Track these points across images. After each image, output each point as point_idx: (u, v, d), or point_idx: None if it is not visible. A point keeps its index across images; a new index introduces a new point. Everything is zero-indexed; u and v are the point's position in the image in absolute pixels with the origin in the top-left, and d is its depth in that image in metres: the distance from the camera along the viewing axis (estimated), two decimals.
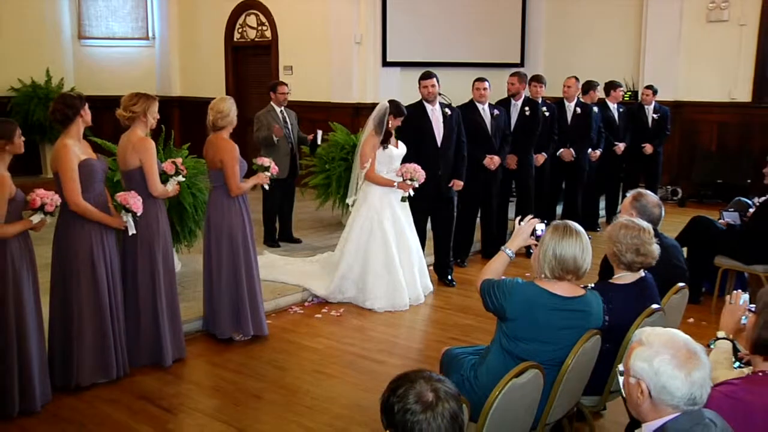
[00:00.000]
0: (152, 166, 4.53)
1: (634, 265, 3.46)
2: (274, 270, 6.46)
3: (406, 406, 1.91)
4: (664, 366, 2.02)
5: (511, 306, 3.11)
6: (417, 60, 10.55)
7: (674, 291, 3.72)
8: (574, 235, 3.12)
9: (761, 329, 2.39)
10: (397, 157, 6.03)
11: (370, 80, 10.34)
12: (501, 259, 3.42)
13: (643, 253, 3.43)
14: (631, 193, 4.15)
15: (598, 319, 3.24)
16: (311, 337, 5.39)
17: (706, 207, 9.60)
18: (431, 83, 6.44)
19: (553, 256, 3.11)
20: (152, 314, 4.68)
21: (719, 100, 10.50)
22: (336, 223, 8.53)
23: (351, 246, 6.02)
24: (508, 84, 7.59)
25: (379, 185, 5.97)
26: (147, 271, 4.64)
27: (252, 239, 5.19)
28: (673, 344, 2.07)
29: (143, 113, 4.53)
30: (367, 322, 5.69)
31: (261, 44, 11.53)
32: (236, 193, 5.01)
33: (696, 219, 6.19)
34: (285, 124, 7.48)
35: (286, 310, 5.93)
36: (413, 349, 5.22)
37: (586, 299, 3.19)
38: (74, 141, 4.26)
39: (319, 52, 10.69)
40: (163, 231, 4.70)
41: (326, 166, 8.11)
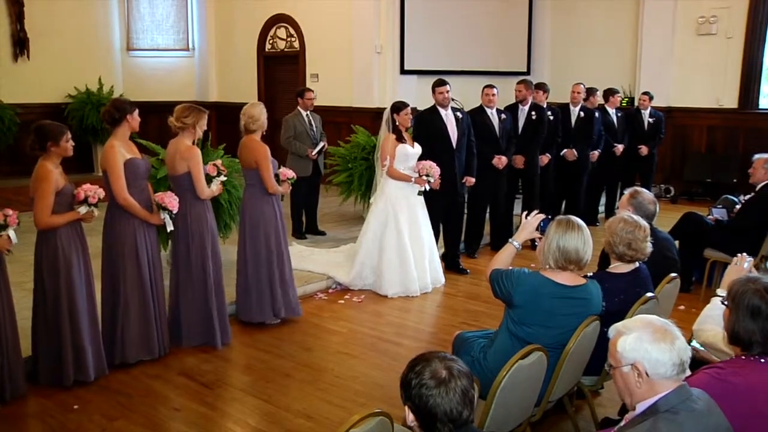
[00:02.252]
0: (199, 172, 4.57)
1: (624, 257, 3.43)
2: (301, 260, 6.47)
3: (422, 382, 1.94)
4: (651, 343, 2.03)
5: (519, 294, 3.09)
6: (432, 68, 10.50)
7: (667, 281, 3.69)
8: (576, 229, 3.11)
9: (735, 324, 2.33)
10: (412, 156, 5.98)
11: (389, 87, 10.30)
12: (508, 251, 3.41)
13: (634, 248, 3.40)
14: (628, 191, 4.11)
15: (598, 306, 3.24)
16: (335, 321, 5.40)
17: (696, 204, 9.51)
18: (446, 90, 6.40)
19: (557, 248, 3.09)
20: (204, 300, 4.73)
21: (708, 106, 10.37)
22: (358, 217, 8.52)
23: (369, 236, 6.01)
24: (516, 91, 7.55)
25: (398, 180, 5.94)
26: (199, 262, 4.68)
27: (284, 232, 5.20)
28: (649, 324, 2.08)
29: (193, 125, 4.56)
30: (385, 308, 5.68)
31: (290, 54, 11.53)
32: (273, 190, 5.02)
33: (687, 215, 6.14)
34: (311, 126, 7.48)
35: (312, 297, 5.93)
36: (427, 333, 5.21)
37: (587, 288, 3.18)
38: (120, 142, 4.29)
39: (342, 61, 10.68)
40: (211, 227, 4.74)
41: (349, 165, 8.10)
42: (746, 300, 2.31)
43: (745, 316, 2.29)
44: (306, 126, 7.45)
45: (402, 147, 5.90)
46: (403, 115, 5.94)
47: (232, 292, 5.26)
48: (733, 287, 2.39)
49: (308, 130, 7.44)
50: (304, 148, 7.36)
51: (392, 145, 5.88)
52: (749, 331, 2.27)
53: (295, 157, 7.29)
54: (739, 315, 2.32)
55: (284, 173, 5.19)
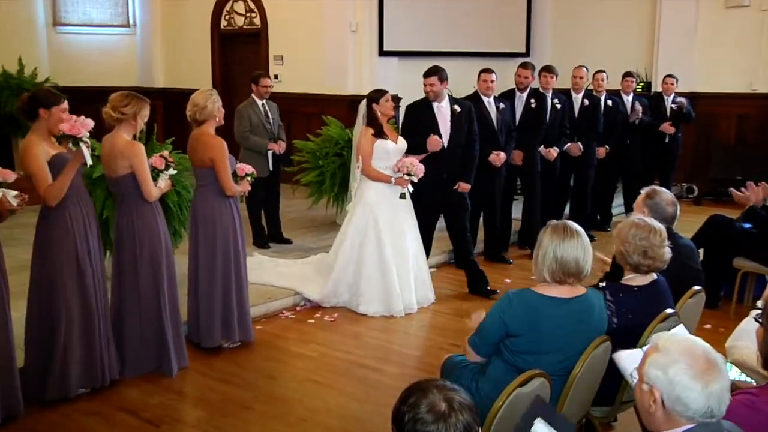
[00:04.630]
0: (145, 171, 4.54)
1: (640, 268, 3.47)
2: (263, 272, 6.46)
3: (417, 416, 1.90)
4: (680, 376, 2.02)
5: (514, 319, 3.10)
6: (416, 49, 10.56)
7: (689, 295, 3.73)
8: (574, 236, 3.13)
9: None
10: (394, 153, 5.96)
11: (366, 71, 10.33)
12: None
13: (650, 256, 3.43)
14: (644, 190, 4.15)
15: (602, 319, 3.26)
16: (303, 343, 5.40)
17: (723, 205, 9.55)
18: (430, 82, 6.27)
19: (553, 258, 3.11)
20: (157, 321, 4.70)
21: (739, 91, 10.52)
22: (330, 222, 8.53)
23: (346, 246, 6.02)
24: (518, 76, 7.56)
25: (375, 180, 5.94)
26: (150, 276, 4.65)
27: (243, 240, 5.20)
28: (691, 353, 2.06)
29: (133, 116, 4.54)
30: (363, 328, 5.69)
31: (249, 32, 11.52)
32: (231, 192, 5.02)
33: (713, 218, 6.22)
34: (267, 117, 7.48)
35: (277, 315, 5.93)
36: (412, 357, 5.23)
37: (586, 298, 3.21)
38: (41, 137, 4.24)
39: (311, 41, 10.69)
40: (164, 234, 4.73)
41: (319, 162, 8.12)
42: None
43: None
44: (262, 117, 7.45)
45: (381, 143, 5.89)
46: (384, 103, 5.93)
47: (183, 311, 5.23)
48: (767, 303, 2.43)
49: (265, 121, 7.44)
50: (262, 142, 7.35)
51: (369, 141, 5.88)
52: None
53: (250, 154, 7.21)
54: None
55: (242, 168, 5.19)
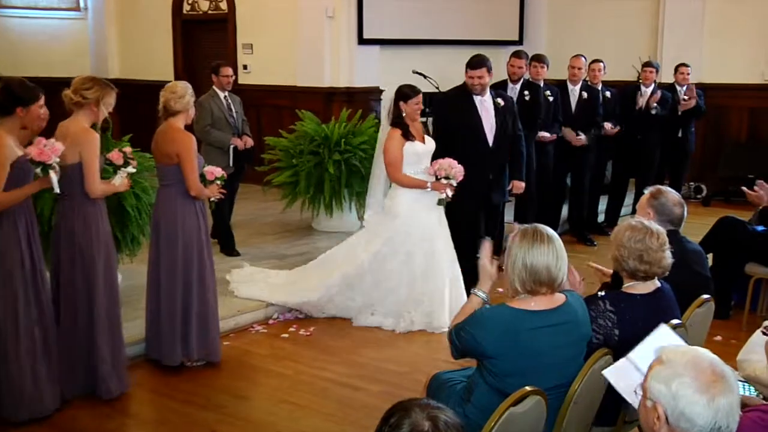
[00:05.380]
0: (93, 162, 4.50)
1: (637, 274, 3.49)
2: (253, 286, 6.37)
3: None
4: (683, 389, 2.04)
5: (489, 341, 3.10)
6: (398, 37, 10.58)
7: (698, 304, 3.76)
8: (545, 241, 3.14)
9: None
10: (424, 155, 5.88)
11: (345, 61, 10.33)
12: (473, 304, 3.42)
13: (647, 261, 3.45)
14: (648, 190, 4.19)
15: (586, 324, 3.28)
16: (276, 360, 5.39)
17: (734, 206, 9.65)
18: (478, 74, 6.16)
19: (523, 266, 3.13)
20: (89, 337, 4.65)
21: (751, 82, 10.62)
22: (306, 227, 8.53)
23: (365, 254, 5.92)
24: (511, 66, 7.61)
25: (409, 188, 5.84)
26: (83, 286, 4.61)
27: (209, 249, 5.19)
28: (697, 365, 2.08)
29: (96, 102, 4.54)
30: (342, 343, 5.70)
31: (215, 18, 11.49)
32: (197, 192, 4.99)
33: (723, 220, 6.27)
34: (230, 110, 7.49)
35: (247, 330, 5.91)
36: (397, 374, 5.23)
37: (568, 306, 3.22)
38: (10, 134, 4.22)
39: (284, 28, 10.68)
40: (105, 239, 4.68)
41: (293, 161, 8.12)
42: None
43: None
44: (224, 110, 7.45)
45: (410, 145, 5.82)
46: (413, 105, 5.83)
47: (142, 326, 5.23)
48: None
49: (227, 115, 7.44)
50: (224, 137, 7.33)
51: (398, 144, 5.78)
52: None
53: (211, 150, 7.20)
54: None
55: (211, 172, 5.17)
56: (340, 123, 8.31)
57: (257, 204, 9.27)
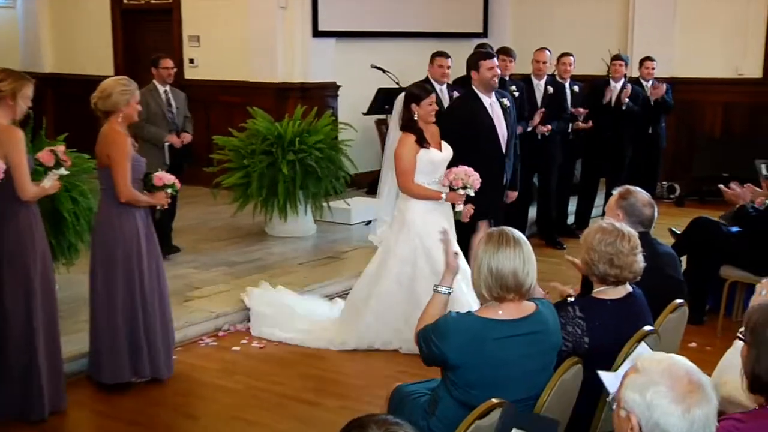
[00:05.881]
0: (22, 162, 4.43)
1: (607, 278, 3.53)
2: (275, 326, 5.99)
3: None
4: (658, 399, 2.07)
5: (452, 350, 3.11)
6: (356, 29, 10.59)
7: (671, 309, 3.81)
8: (511, 244, 3.17)
9: (755, 363, 2.42)
10: (440, 163, 5.65)
11: (299, 54, 10.31)
12: (436, 302, 3.45)
13: (617, 265, 3.49)
14: (617, 191, 4.24)
15: (557, 333, 3.32)
16: (227, 375, 5.36)
17: (709, 207, 9.75)
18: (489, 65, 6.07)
19: (488, 272, 3.15)
20: (25, 352, 4.58)
21: (724, 77, 10.81)
22: (258, 232, 8.49)
23: (390, 284, 5.67)
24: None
25: (422, 199, 5.61)
26: (20, 296, 4.54)
27: (155, 257, 5.15)
28: (673, 373, 2.11)
29: (11, 95, 4.47)
30: (299, 355, 5.69)
31: (159, 8, 11.39)
32: (127, 197, 4.91)
33: (697, 221, 6.37)
34: (169, 106, 7.47)
35: (196, 343, 5.88)
36: (356, 387, 5.25)
37: (539, 315, 3.25)
38: None
39: (233, 19, 10.63)
40: (41, 245, 4.63)
41: (244, 161, 8.08)
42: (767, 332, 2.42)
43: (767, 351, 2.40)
44: (163, 105, 7.41)
45: (425, 153, 5.56)
46: (426, 107, 5.56)
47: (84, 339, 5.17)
48: (752, 316, 2.50)
49: (166, 110, 7.41)
50: (158, 133, 7.30)
51: (411, 151, 5.51)
52: None
53: (146, 146, 7.14)
54: (760, 351, 2.42)
55: (159, 178, 5.11)
56: (295, 121, 8.28)
57: (206, 208, 9.20)
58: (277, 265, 7.43)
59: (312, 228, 8.60)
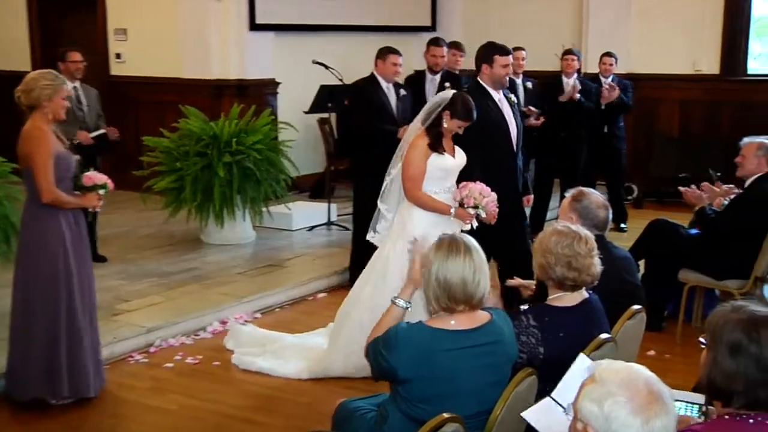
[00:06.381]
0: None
1: (565, 283, 3.58)
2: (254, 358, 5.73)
3: None
4: (617, 410, 2.10)
5: (402, 363, 3.12)
6: (296, 22, 10.57)
7: (628, 315, 3.87)
8: (462, 253, 3.19)
9: (712, 367, 2.45)
10: (452, 170, 5.41)
11: (234, 49, 10.25)
12: (392, 315, 3.44)
13: (575, 268, 3.54)
14: (570, 193, 4.29)
15: (513, 345, 3.34)
16: (159, 394, 5.31)
17: (668, 208, 9.93)
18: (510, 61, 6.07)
19: (436, 281, 3.17)
20: None
21: (682, 73, 11.01)
22: (193, 239, 8.42)
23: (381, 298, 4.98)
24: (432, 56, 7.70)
25: (427, 210, 5.32)
26: None
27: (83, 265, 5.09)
28: (631, 384, 2.14)
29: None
30: (237, 371, 5.65)
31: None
32: (49, 198, 4.83)
33: (655, 223, 6.47)
34: (79, 103, 7.41)
35: (124, 360, 5.81)
36: (298, 404, 5.22)
37: (493, 326, 3.27)
38: None
39: (163, 11, 10.54)
40: None
41: (177, 164, 8.01)
42: (725, 334, 2.47)
43: (725, 355, 2.45)
44: (72, 101, 7.32)
45: (437, 158, 5.29)
46: (456, 123, 5.28)
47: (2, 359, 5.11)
48: (712, 319, 2.55)
49: (75, 107, 7.32)
50: (67, 131, 7.20)
51: (421, 154, 5.26)
52: (728, 375, 2.42)
53: None
54: (717, 355, 2.47)
55: (89, 177, 5.05)
56: (231, 120, 8.25)
57: (135, 213, 9.11)
58: (213, 274, 7.39)
59: (251, 235, 8.56)
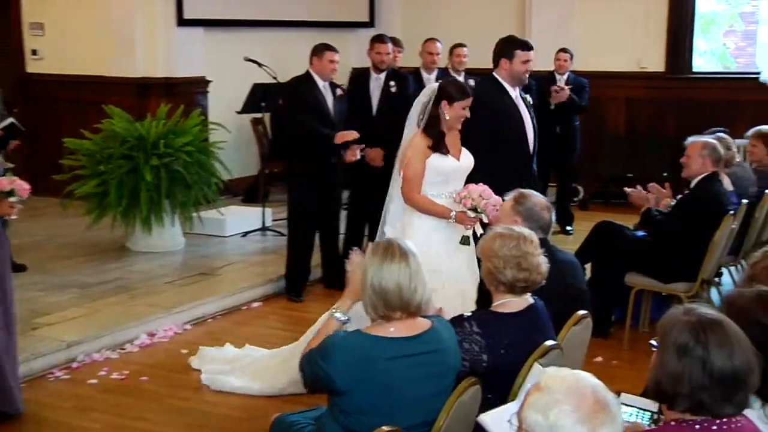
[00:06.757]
0: None
1: (517, 285, 3.61)
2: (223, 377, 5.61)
3: None
4: (563, 419, 2.13)
5: (340, 372, 3.12)
6: (226, 17, 10.50)
7: (574, 321, 3.91)
8: (397, 258, 3.20)
9: (658, 370, 2.51)
10: (454, 173, 5.26)
11: (162, 46, 10.16)
12: (330, 328, 3.43)
13: (525, 268, 3.58)
14: (511, 195, 4.33)
15: (455, 355, 3.37)
16: (82, 412, 5.24)
17: (615, 210, 9.97)
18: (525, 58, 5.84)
19: (371, 287, 3.18)
20: None
21: (626, 70, 11.21)
22: (118, 247, 8.33)
23: None
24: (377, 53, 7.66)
25: (427, 214, 5.18)
26: None
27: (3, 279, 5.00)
28: (578, 392, 2.17)
29: None
30: (166, 386, 5.61)
31: None
32: None
33: (600, 226, 6.56)
34: None
35: (44, 377, 5.72)
36: (232, 419, 5.20)
37: (434, 333, 3.29)
38: None
39: (84, 4, 10.40)
40: None
41: (100, 167, 7.92)
42: (674, 336, 2.53)
43: (671, 357, 2.50)
44: None
45: (438, 158, 5.15)
46: (459, 110, 5.17)
47: None
48: (662, 321, 2.61)
49: None
50: None
51: (420, 154, 5.13)
52: (673, 377, 2.48)
53: None
54: (665, 357, 2.53)
55: None
56: (159, 121, 8.19)
57: (55, 221, 8.96)
58: (140, 284, 7.30)
59: (180, 242, 8.49)
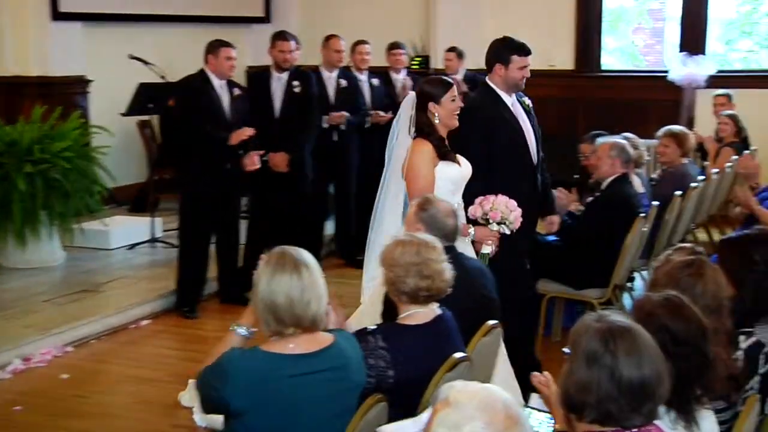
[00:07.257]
0: None
1: (420, 294, 3.64)
2: None
3: None
4: None
5: (235, 394, 3.09)
6: (108, 11, 10.36)
7: (483, 332, 3.94)
8: (288, 269, 3.16)
9: (567, 378, 2.56)
10: (461, 183, 5.06)
11: (34, 42, 9.97)
12: (229, 343, 3.38)
13: (427, 275, 3.60)
14: (415, 201, 4.34)
15: (359, 371, 3.37)
16: None
17: None
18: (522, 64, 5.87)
19: (261, 301, 3.16)
20: None
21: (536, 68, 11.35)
22: None
23: None
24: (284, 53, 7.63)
25: None
26: None
27: None
28: (489, 406, 2.20)
29: None
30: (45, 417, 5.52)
31: None
32: None
33: None
34: None
35: None
36: None
37: (335, 349, 3.28)
38: None
39: None
40: None
41: None
42: (584, 343, 2.58)
43: (581, 365, 2.56)
44: None
45: (445, 167, 4.94)
46: (449, 104, 5.00)
47: None
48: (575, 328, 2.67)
49: None
50: None
51: (429, 162, 4.90)
52: (582, 386, 2.53)
53: None
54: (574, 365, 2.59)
55: None
56: (33, 124, 8.06)
57: None
58: (14, 303, 7.13)
59: (60, 256, 8.32)
